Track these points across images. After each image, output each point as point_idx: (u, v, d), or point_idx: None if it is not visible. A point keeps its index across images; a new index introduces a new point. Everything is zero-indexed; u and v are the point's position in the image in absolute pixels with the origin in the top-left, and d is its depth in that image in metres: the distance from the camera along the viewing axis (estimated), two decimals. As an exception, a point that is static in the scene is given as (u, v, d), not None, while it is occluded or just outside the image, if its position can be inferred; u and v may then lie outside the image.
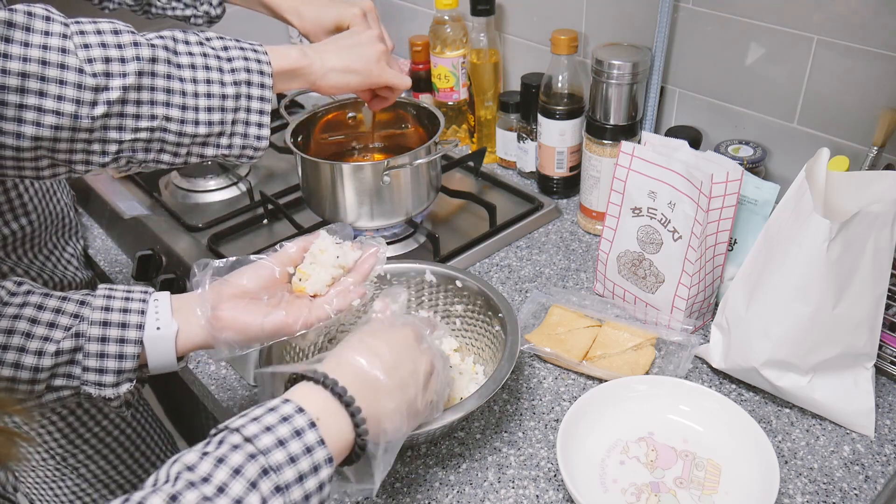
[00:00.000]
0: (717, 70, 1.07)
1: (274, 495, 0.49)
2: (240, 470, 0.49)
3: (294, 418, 0.53)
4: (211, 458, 0.49)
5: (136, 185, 1.27)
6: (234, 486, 0.48)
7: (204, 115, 0.71)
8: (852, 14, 0.90)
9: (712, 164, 0.86)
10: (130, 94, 0.66)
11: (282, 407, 0.54)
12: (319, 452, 0.52)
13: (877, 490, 0.74)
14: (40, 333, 0.63)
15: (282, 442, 0.51)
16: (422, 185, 1.06)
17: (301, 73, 0.81)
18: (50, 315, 0.64)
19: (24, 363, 0.62)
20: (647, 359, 0.88)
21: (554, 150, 1.16)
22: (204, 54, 0.71)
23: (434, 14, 1.28)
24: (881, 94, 0.92)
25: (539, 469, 0.77)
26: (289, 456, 0.51)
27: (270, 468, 0.50)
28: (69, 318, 0.64)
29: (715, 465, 0.75)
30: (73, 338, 0.63)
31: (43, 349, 0.62)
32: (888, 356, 0.84)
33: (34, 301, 0.64)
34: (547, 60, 1.12)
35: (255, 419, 0.52)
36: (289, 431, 0.52)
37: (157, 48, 0.68)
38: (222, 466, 0.49)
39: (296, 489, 0.50)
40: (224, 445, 0.50)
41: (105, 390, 0.64)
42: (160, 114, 0.68)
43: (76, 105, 0.63)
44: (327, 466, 0.53)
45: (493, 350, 0.84)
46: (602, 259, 0.99)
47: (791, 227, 0.76)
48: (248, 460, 0.49)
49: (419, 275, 0.90)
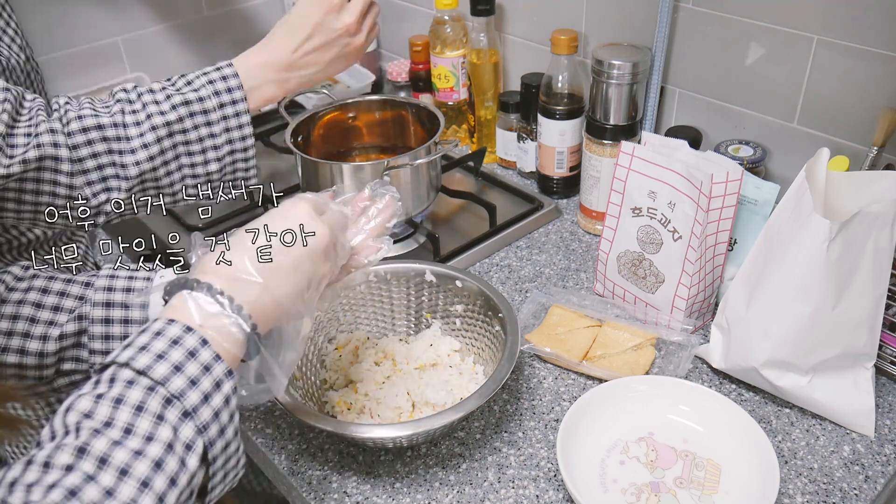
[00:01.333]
0: (717, 70, 1.07)
1: (183, 421, 0.48)
2: (142, 406, 0.47)
3: (184, 339, 0.50)
4: (108, 401, 0.47)
5: (136, 185, 1.27)
6: (141, 424, 0.46)
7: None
8: (852, 14, 0.90)
9: (712, 164, 0.86)
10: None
11: (168, 329, 0.51)
12: (218, 368, 0.50)
13: (877, 490, 0.74)
14: (45, 318, 0.63)
15: (178, 367, 0.49)
16: (422, 185, 1.06)
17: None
18: (54, 299, 0.64)
19: (29, 349, 0.62)
20: (647, 359, 0.88)
21: (554, 150, 1.16)
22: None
23: (434, 14, 1.28)
24: (881, 94, 0.92)
25: (539, 469, 0.77)
26: (188, 379, 0.49)
27: (173, 396, 0.48)
28: (73, 301, 0.64)
29: (715, 465, 0.75)
30: (76, 321, 0.63)
31: (47, 334, 0.62)
32: (888, 356, 0.84)
33: (39, 285, 0.64)
34: (547, 60, 1.12)
35: (143, 348, 0.49)
36: (182, 355, 0.49)
37: None
38: (123, 407, 0.47)
39: (203, 410, 0.49)
40: (118, 384, 0.48)
41: None
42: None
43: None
44: (228, 380, 0.51)
45: (493, 350, 0.84)
46: (602, 259, 0.99)
47: (791, 227, 0.76)
48: (147, 394, 0.47)
49: (419, 275, 0.90)
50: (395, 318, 0.93)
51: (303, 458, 0.80)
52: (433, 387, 0.82)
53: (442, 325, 0.91)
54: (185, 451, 0.47)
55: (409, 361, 0.88)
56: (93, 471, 0.43)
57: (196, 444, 0.48)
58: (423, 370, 0.86)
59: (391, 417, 0.80)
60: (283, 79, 0.83)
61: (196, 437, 0.48)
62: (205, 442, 0.48)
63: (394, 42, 1.58)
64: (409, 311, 0.93)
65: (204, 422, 0.49)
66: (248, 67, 0.81)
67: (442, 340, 0.90)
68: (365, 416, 0.81)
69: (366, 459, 0.80)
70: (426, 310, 0.92)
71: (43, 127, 0.69)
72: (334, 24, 0.84)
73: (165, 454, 0.46)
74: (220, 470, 0.51)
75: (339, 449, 0.81)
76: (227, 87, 0.78)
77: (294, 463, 0.80)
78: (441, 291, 0.90)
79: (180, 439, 0.47)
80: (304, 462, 0.80)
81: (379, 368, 0.86)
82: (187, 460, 0.47)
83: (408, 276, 0.91)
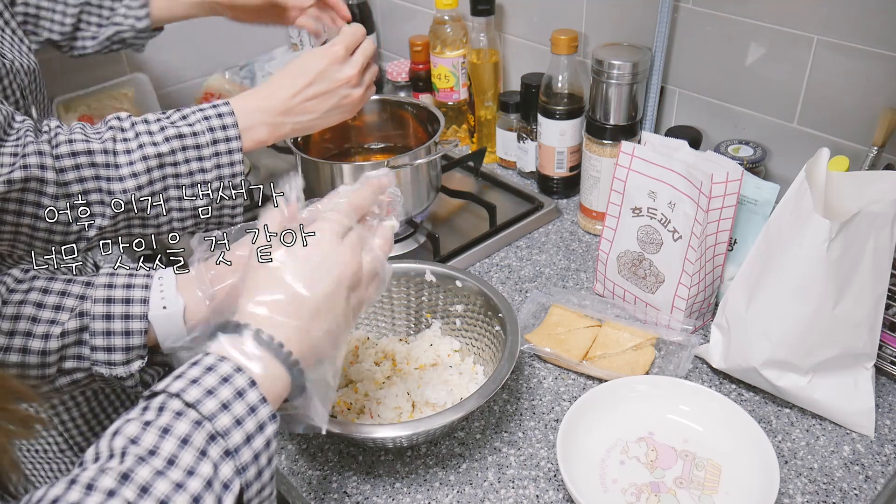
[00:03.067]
0: (717, 70, 1.07)
1: (224, 460, 0.48)
2: (188, 440, 0.47)
3: (234, 378, 0.51)
4: (155, 429, 0.48)
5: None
6: (184, 457, 0.47)
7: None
8: (852, 14, 0.90)
9: (712, 164, 0.86)
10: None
11: (220, 366, 0.51)
12: (263, 410, 0.51)
13: (877, 490, 0.74)
14: (46, 317, 0.63)
15: (225, 405, 0.50)
16: (422, 185, 1.06)
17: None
18: (55, 298, 0.64)
19: (32, 347, 0.62)
20: (647, 359, 0.88)
21: (554, 150, 1.16)
22: None
23: (434, 14, 1.28)
24: (881, 94, 0.92)
25: (539, 469, 0.77)
26: (234, 419, 0.50)
27: (218, 433, 0.49)
28: (74, 300, 0.64)
29: (715, 465, 0.75)
30: (77, 318, 0.63)
31: (49, 332, 0.62)
32: (888, 356, 0.84)
33: (39, 286, 0.64)
34: (547, 60, 1.12)
35: (194, 381, 0.50)
36: (231, 393, 0.50)
37: None
38: (169, 437, 0.47)
39: (245, 450, 0.50)
40: (166, 413, 0.49)
41: (116, 369, 0.64)
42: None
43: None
44: (272, 423, 0.52)
45: (493, 350, 0.84)
46: (602, 259, 0.99)
47: (791, 227, 0.76)
48: (194, 428, 0.48)
49: (419, 275, 0.90)
50: (395, 318, 0.93)
51: (303, 458, 0.80)
52: (433, 387, 0.82)
53: (442, 325, 0.91)
54: (222, 490, 0.48)
55: (409, 361, 0.88)
56: (133, 498, 0.44)
57: (234, 484, 0.48)
58: (423, 370, 0.86)
59: (391, 417, 0.80)
60: (278, 123, 0.82)
61: (234, 477, 0.49)
62: (242, 483, 0.49)
63: (394, 42, 1.58)
64: (409, 311, 0.93)
65: (244, 463, 0.49)
66: (243, 109, 0.80)
67: (442, 340, 0.90)
68: (365, 416, 0.81)
69: (366, 459, 0.80)
70: (426, 310, 0.92)
71: (31, 148, 0.68)
72: (336, 75, 0.84)
73: (204, 490, 0.46)
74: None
75: (339, 449, 0.81)
76: (221, 125, 0.77)
77: (294, 463, 0.80)
78: (441, 291, 0.90)
79: (219, 477, 0.48)
80: (304, 462, 0.80)
81: (379, 368, 0.86)
82: (224, 499, 0.47)
83: (408, 276, 0.91)
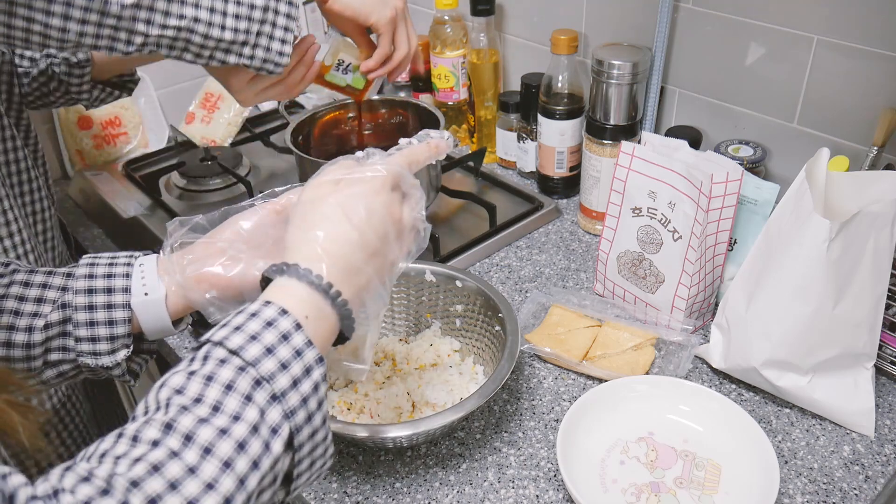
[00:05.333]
0: (717, 70, 1.07)
1: (271, 404, 0.48)
2: (232, 385, 0.47)
3: (278, 322, 0.50)
4: (199, 377, 0.47)
5: (136, 184, 1.27)
6: (229, 403, 0.46)
7: (231, 22, 0.74)
8: (852, 14, 0.90)
9: (712, 164, 0.86)
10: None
11: (263, 311, 0.51)
12: (309, 353, 0.50)
13: (877, 490, 0.74)
14: (29, 310, 0.62)
15: (270, 350, 0.49)
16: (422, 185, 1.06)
17: None
18: (37, 291, 0.63)
19: (16, 341, 0.62)
20: (647, 359, 0.88)
21: (554, 150, 1.16)
22: None
23: (434, 14, 1.28)
24: (881, 94, 0.92)
25: (539, 469, 0.77)
26: (279, 363, 0.49)
27: (263, 378, 0.48)
28: (56, 292, 0.63)
29: (715, 465, 0.75)
30: (59, 309, 0.63)
31: (32, 325, 0.62)
32: (888, 356, 0.84)
33: (20, 279, 0.64)
34: (547, 60, 1.12)
35: (237, 328, 0.50)
36: (275, 337, 0.50)
37: None
38: (213, 384, 0.47)
39: (292, 395, 0.49)
40: (210, 361, 0.48)
41: (102, 359, 0.64)
42: (189, 14, 0.71)
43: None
44: (319, 366, 0.51)
45: (493, 350, 0.84)
46: (602, 259, 0.99)
47: (791, 227, 0.76)
48: (238, 374, 0.48)
49: (419, 275, 0.90)
50: (395, 318, 0.93)
51: (303, 458, 0.80)
52: (433, 387, 0.82)
53: (442, 325, 0.91)
54: (270, 435, 0.47)
55: (409, 361, 0.88)
56: (178, 447, 0.44)
57: (282, 428, 0.48)
58: (423, 370, 0.86)
59: (391, 417, 0.80)
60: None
61: (283, 421, 0.48)
62: (291, 427, 0.48)
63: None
64: (409, 311, 0.93)
65: (292, 407, 0.49)
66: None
67: (442, 340, 0.90)
68: (365, 416, 0.81)
69: (366, 459, 0.80)
70: (426, 310, 0.92)
71: None
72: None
73: (250, 435, 0.46)
74: (307, 457, 0.51)
75: (339, 449, 0.81)
76: None
77: (294, 463, 0.80)
78: (441, 291, 0.90)
79: (266, 422, 0.47)
80: (304, 462, 0.80)
81: (379, 368, 0.86)
82: (272, 444, 0.47)
83: (408, 276, 0.91)
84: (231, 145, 1.38)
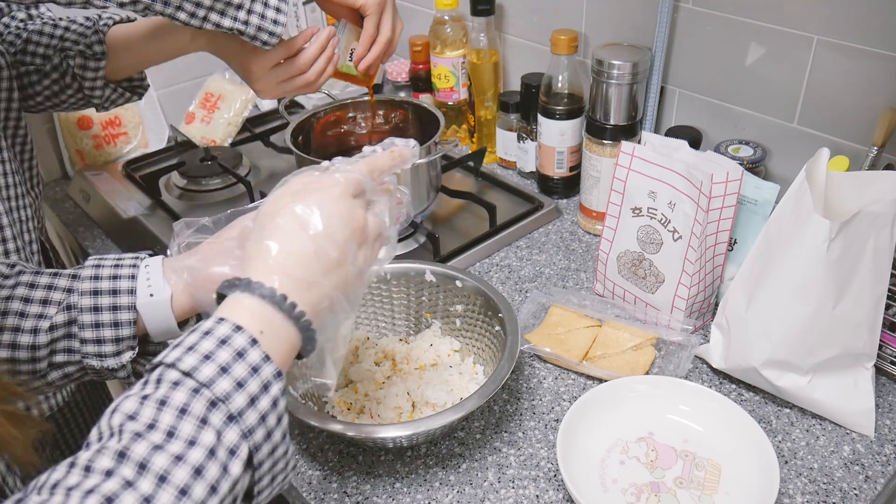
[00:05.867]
0: (717, 70, 1.07)
1: (228, 425, 0.46)
2: (186, 409, 0.46)
3: (233, 339, 0.49)
4: (152, 402, 0.46)
5: (136, 184, 1.28)
6: (184, 427, 0.45)
7: None
8: (852, 14, 0.90)
9: (712, 164, 0.86)
10: None
11: (217, 328, 0.49)
12: (266, 369, 0.49)
13: (877, 490, 0.74)
14: (34, 312, 0.62)
15: (224, 369, 0.47)
16: (422, 185, 1.07)
17: None
18: (42, 292, 0.63)
19: (21, 343, 0.62)
20: (647, 359, 0.88)
21: (554, 150, 1.16)
22: None
23: (434, 14, 1.28)
24: (881, 94, 0.92)
25: (539, 469, 0.77)
26: (235, 381, 0.47)
27: (218, 399, 0.47)
28: (61, 293, 0.63)
29: (715, 465, 0.75)
30: (65, 311, 0.62)
31: (37, 326, 0.62)
32: (888, 356, 0.84)
33: (26, 280, 0.64)
34: (547, 60, 1.12)
35: (190, 348, 0.48)
36: (230, 355, 0.48)
37: None
38: (166, 409, 0.45)
39: (249, 413, 0.47)
40: (163, 384, 0.47)
41: (107, 360, 0.63)
42: None
43: None
44: (277, 381, 0.49)
45: (493, 350, 0.84)
46: (602, 259, 0.99)
47: (791, 227, 0.76)
48: (192, 396, 0.46)
49: (419, 275, 0.90)
50: (395, 318, 0.93)
51: (303, 458, 0.80)
52: (433, 387, 0.82)
53: (442, 325, 0.91)
54: (228, 457, 0.46)
55: (409, 361, 0.88)
56: (132, 476, 0.43)
57: (240, 448, 0.47)
58: (423, 370, 0.86)
59: (391, 417, 0.80)
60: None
61: (241, 441, 0.47)
62: (250, 447, 0.47)
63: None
64: (409, 311, 0.93)
65: (250, 426, 0.47)
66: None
67: (442, 340, 0.90)
68: (365, 416, 0.81)
69: (366, 459, 0.80)
70: (426, 310, 0.92)
71: None
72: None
73: (207, 460, 0.45)
74: (268, 474, 0.50)
75: (339, 449, 0.81)
76: None
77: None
78: (441, 291, 0.90)
79: (224, 444, 0.46)
80: (304, 462, 0.80)
81: (379, 368, 0.86)
82: (230, 466, 0.46)
83: (408, 276, 0.91)
84: (231, 145, 1.38)
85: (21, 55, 0.91)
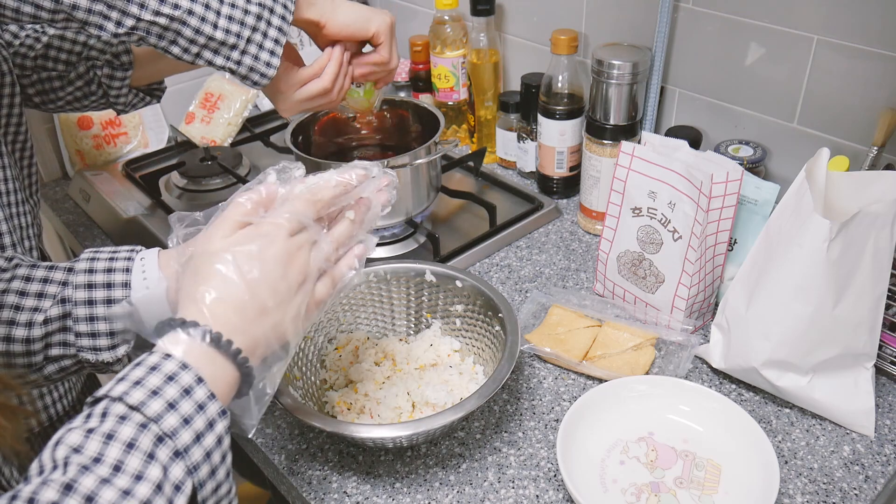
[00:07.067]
0: (717, 70, 1.07)
1: (174, 461, 0.47)
2: (133, 443, 0.46)
3: (180, 376, 0.50)
4: (98, 436, 0.46)
5: (136, 184, 1.28)
6: (131, 462, 0.45)
7: (223, 22, 0.74)
8: (852, 14, 0.90)
9: (712, 164, 0.86)
10: None
11: (164, 364, 0.50)
12: (212, 407, 0.50)
13: (877, 490, 0.74)
14: (29, 305, 0.62)
15: (172, 405, 0.48)
16: (422, 185, 1.07)
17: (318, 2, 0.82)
18: (38, 286, 0.63)
19: (16, 336, 0.62)
20: (647, 359, 0.88)
21: (554, 150, 1.16)
22: None
23: (434, 14, 1.28)
24: (881, 94, 0.92)
25: (539, 469, 0.77)
26: (182, 418, 0.48)
27: (165, 434, 0.47)
28: (56, 287, 0.63)
29: (715, 465, 0.75)
30: (59, 304, 0.62)
31: (32, 320, 0.62)
32: (888, 356, 0.84)
33: (21, 274, 0.64)
34: (547, 60, 1.12)
35: (137, 382, 0.49)
36: (177, 391, 0.49)
37: None
38: (113, 443, 0.46)
39: (195, 450, 0.48)
40: (109, 418, 0.47)
41: (102, 354, 0.63)
42: (184, 5, 0.71)
43: None
44: (222, 419, 0.50)
45: (493, 350, 0.84)
46: (602, 259, 0.99)
47: (791, 227, 0.76)
48: (139, 431, 0.47)
49: (419, 275, 0.90)
50: (395, 318, 0.93)
51: (303, 458, 0.80)
52: (433, 387, 0.82)
53: (442, 325, 0.91)
54: (173, 492, 0.46)
55: (409, 361, 0.88)
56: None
57: (185, 484, 0.47)
58: (423, 370, 0.86)
59: (391, 417, 0.80)
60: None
61: (186, 477, 0.47)
62: (194, 483, 0.48)
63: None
64: (409, 311, 0.93)
65: (195, 462, 0.48)
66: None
67: (442, 340, 0.90)
68: (365, 416, 0.81)
69: (366, 459, 0.80)
70: (426, 310, 0.92)
71: None
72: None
73: (154, 495, 0.45)
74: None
75: (339, 449, 0.81)
76: None
77: (294, 463, 0.80)
78: (441, 291, 0.90)
79: (170, 479, 0.46)
80: (304, 462, 0.80)
81: (379, 368, 0.86)
82: (175, 501, 0.46)
83: (408, 276, 0.91)
84: (231, 145, 1.38)
85: (42, 60, 0.91)
